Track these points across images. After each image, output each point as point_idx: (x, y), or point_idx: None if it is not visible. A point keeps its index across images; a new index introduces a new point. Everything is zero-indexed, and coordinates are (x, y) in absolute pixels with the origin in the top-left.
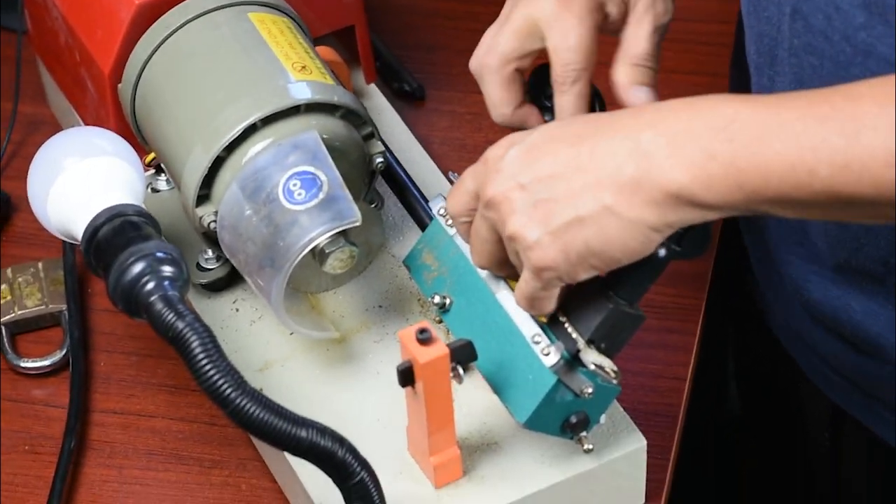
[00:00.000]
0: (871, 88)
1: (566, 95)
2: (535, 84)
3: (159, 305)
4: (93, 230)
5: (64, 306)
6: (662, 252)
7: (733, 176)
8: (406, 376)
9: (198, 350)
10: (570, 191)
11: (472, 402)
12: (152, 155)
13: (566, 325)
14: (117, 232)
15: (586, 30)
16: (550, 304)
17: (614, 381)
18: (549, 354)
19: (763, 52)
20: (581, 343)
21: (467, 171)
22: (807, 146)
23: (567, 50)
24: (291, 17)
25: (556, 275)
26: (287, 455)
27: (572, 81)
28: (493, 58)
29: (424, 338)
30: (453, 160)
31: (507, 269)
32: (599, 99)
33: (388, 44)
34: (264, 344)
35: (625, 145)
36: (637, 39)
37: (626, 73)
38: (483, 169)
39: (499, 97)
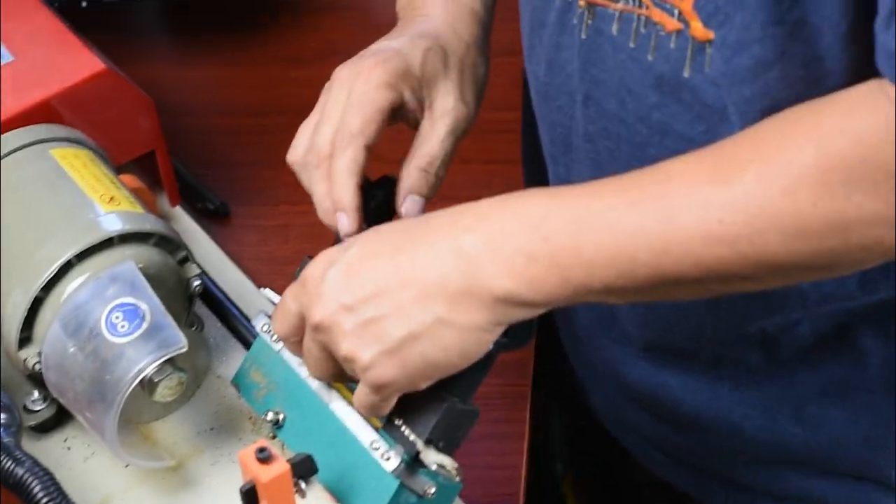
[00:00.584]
0: (680, 167)
1: (336, 160)
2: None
3: None
4: None
5: None
6: (491, 347)
7: (556, 273)
8: (250, 497)
9: (40, 494)
10: (398, 306)
11: None
12: None
13: (403, 428)
14: None
15: (374, 107)
16: (388, 408)
17: (457, 479)
18: (390, 459)
19: (556, 142)
20: (420, 444)
21: (287, 292)
22: (623, 234)
23: (346, 115)
24: (92, 150)
25: (395, 389)
26: None
27: (344, 147)
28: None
29: (264, 456)
30: (265, 274)
31: (345, 378)
32: (389, 185)
33: (188, 165)
34: (101, 479)
35: (446, 253)
36: (428, 143)
37: (409, 177)
38: (303, 291)
39: (320, 191)
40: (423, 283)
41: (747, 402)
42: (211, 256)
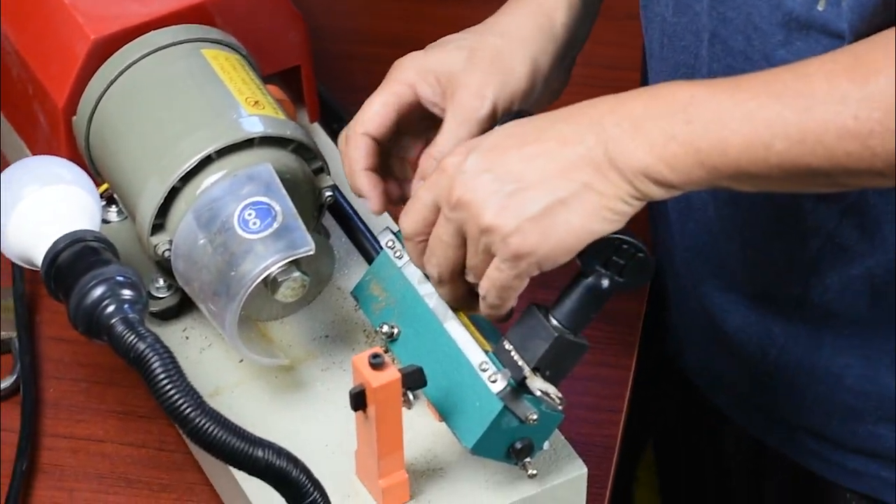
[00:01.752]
0: (818, 65)
1: (349, 146)
2: None
3: (120, 328)
4: (53, 255)
5: (14, 333)
6: (606, 283)
7: (693, 155)
8: (358, 400)
9: (159, 370)
10: (543, 177)
11: (421, 428)
12: (105, 186)
13: (512, 353)
14: (77, 257)
15: (383, 103)
16: (513, 299)
17: (559, 408)
18: (496, 381)
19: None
20: (527, 370)
21: (421, 187)
22: (762, 123)
23: (362, 111)
24: (242, 55)
25: (535, 260)
26: (237, 478)
27: (354, 138)
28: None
29: (377, 363)
30: None
31: (460, 284)
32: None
33: (327, 87)
34: (214, 371)
35: (590, 130)
36: (441, 133)
37: (423, 162)
38: (442, 176)
39: (352, 157)
40: (567, 156)
41: (849, 351)
42: (343, 174)
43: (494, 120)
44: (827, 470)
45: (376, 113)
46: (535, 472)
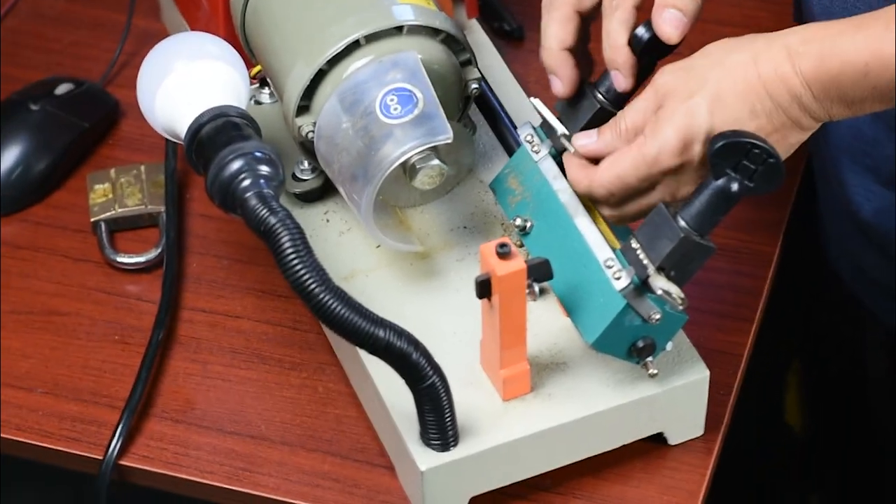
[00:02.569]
0: None
1: (608, 20)
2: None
3: (254, 202)
4: (196, 128)
5: (162, 208)
6: (735, 187)
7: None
8: (483, 288)
9: (287, 245)
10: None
11: (546, 322)
12: (258, 68)
13: (638, 251)
14: (219, 130)
15: None
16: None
17: (681, 309)
18: (620, 278)
19: None
20: (651, 269)
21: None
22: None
23: None
24: None
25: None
26: (363, 358)
27: (615, 7)
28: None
29: (504, 252)
30: (546, 98)
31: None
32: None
33: None
34: (351, 254)
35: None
36: None
37: None
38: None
39: (551, 32)
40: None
41: None
42: (496, 70)
43: None
44: None
45: None
46: (656, 371)
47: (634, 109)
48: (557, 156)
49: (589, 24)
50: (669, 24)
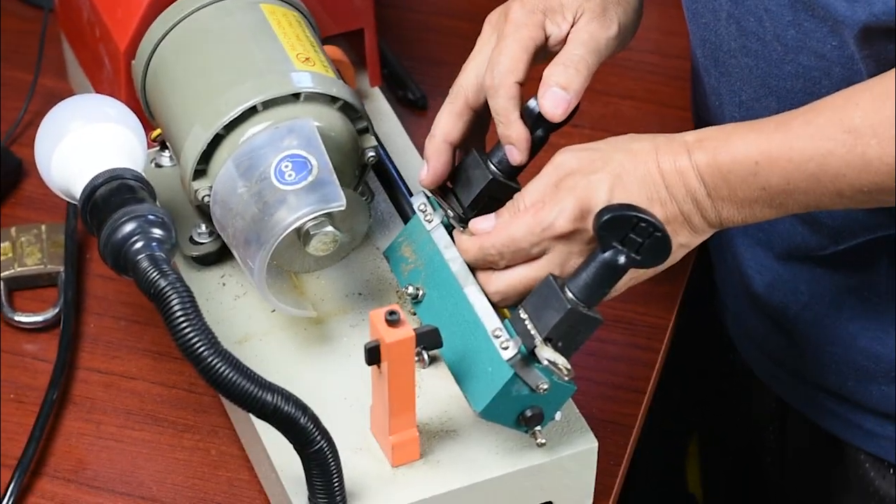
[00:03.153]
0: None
1: (494, 99)
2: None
3: (145, 264)
4: (91, 189)
5: (61, 268)
6: (622, 259)
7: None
8: (373, 354)
9: (176, 308)
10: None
11: (436, 389)
12: (158, 131)
13: (526, 321)
14: (113, 193)
15: (518, 46)
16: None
17: (567, 379)
18: (508, 348)
19: (707, 55)
20: (538, 339)
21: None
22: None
23: (497, 63)
24: (302, 13)
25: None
26: (254, 422)
27: (497, 87)
28: (458, 86)
29: (393, 319)
30: None
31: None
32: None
33: (397, 54)
34: (246, 318)
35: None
36: (567, 48)
37: (551, 73)
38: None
39: (441, 123)
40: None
41: (864, 315)
42: (396, 138)
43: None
44: (844, 431)
45: (520, 59)
46: (544, 441)
47: (534, 189)
48: (450, 225)
49: (484, 119)
50: (552, 102)
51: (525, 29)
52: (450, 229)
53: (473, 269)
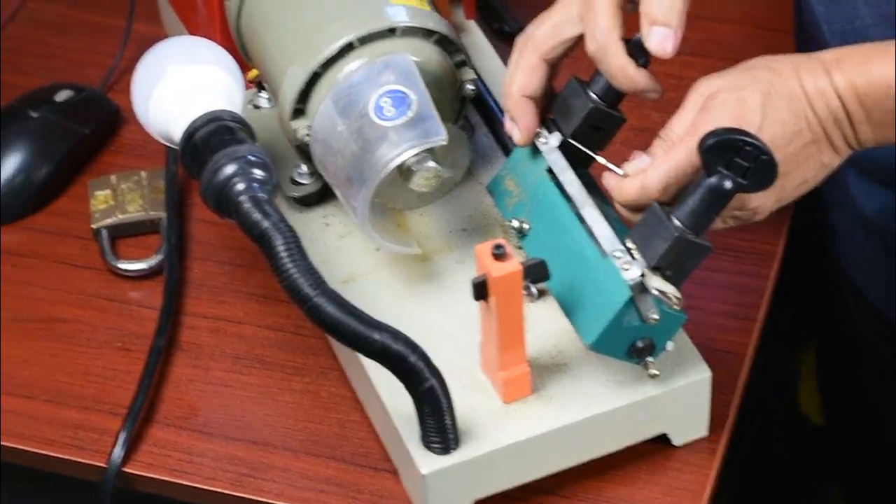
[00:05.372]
0: None
1: (606, 61)
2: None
3: (247, 205)
4: (190, 132)
5: (163, 214)
6: (728, 184)
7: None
8: (480, 290)
9: (280, 248)
10: None
11: (546, 323)
12: (255, 72)
13: (634, 252)
14: (213, 134)
15: (610, 3)
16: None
17: (677, 309)
18: (629, 269)
19: None
20: (646, 269)
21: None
22: None
23: (595, 26)
24: None
25: None
26: (364, 363)
27: (604, 47)
28: (529, 41)
29: (499, 253)
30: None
31: None
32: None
33: None
34: (350, 258)
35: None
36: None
37: (650, 7)
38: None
39: (517, 79)
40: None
41: None
42: (495, 72)
43: None
44: None
45: (616, 16)
46: (657, 372)
47: (682, 119)
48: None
49: (556, 68)
50: (658, 41)
51: None
52: (565, 152)
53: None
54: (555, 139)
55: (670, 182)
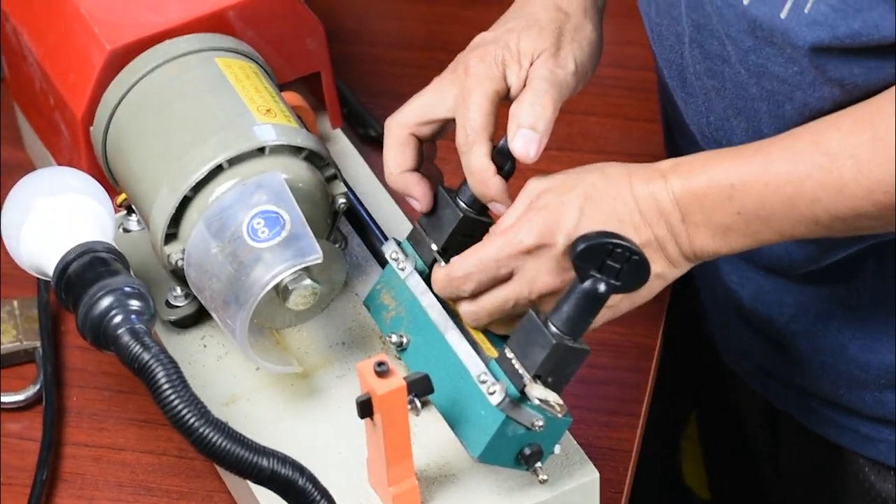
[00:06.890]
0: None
1: (468, 156)
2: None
3: (126, 338)
4: (63, 266)
5: (38, 343)
6: (602, 287)
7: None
8: (365, 408)
9: (163, 381)
10: None
11: (431, 435)
12: (123, 196)
13: (513, 361)
14: (87, 267)
15: (486, 100)
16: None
17: (559, 415)
18: (494, 393)
19: (673, 77)
20: (527, 378)
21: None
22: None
23: (467, 120)
24: (258, 63)
25: None
26: (251, 486)
27: (471, 143)
28: (395, 119)
29: (382, 370)
30: None
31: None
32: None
33: (356, 91)
34: (231, 379)
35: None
36: (532, 81)
37: (518, 112)
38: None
39: (390, 157)
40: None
41: (856, 324)
42: (365, 180)
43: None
44: (840, 436)
45: (490, 114)
46: (546, 477)
47: (508, 215)
48: (427, 268)
49: (432, 142)
50: (523, 144)
51: (489, 82)
52: (426, 273)
53: (447, 304)
54: (410, 264)
55: (472, 272)
